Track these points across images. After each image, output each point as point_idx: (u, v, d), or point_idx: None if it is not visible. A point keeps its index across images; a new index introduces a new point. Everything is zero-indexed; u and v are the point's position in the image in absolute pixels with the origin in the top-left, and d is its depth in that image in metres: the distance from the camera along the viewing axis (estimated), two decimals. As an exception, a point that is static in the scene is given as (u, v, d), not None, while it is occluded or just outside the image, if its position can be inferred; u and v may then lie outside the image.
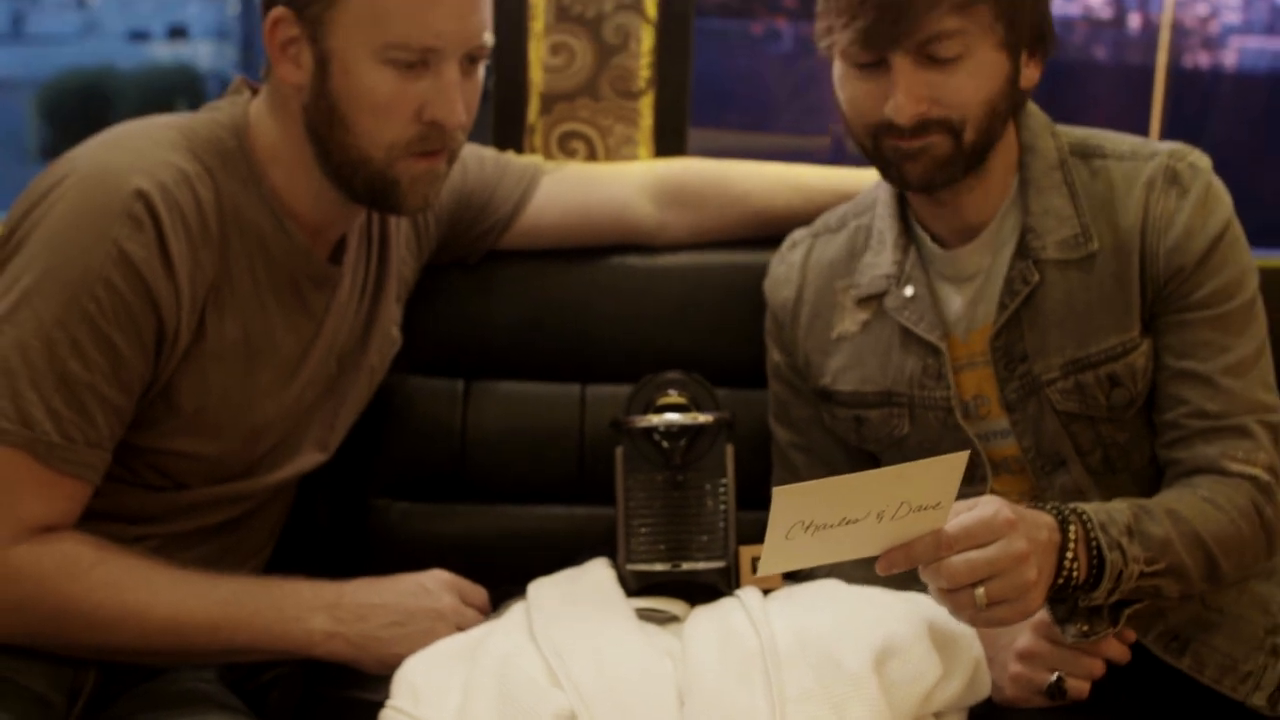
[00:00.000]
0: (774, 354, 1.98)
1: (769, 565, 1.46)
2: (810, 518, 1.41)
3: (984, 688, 1.64)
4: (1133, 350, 1.74)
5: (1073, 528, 1.56)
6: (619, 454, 1.90)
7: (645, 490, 1.89)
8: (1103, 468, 1.78)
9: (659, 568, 1.86)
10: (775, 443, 1.99)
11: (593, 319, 2.12)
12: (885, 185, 1.85)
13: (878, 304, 1.85)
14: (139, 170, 1.64)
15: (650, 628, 1.73)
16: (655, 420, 1.89)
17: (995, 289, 1.78)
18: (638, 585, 1.85)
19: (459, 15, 1.66)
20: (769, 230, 2.07)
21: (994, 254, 1.79)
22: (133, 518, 1.73)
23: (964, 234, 1.80)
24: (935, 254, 1.82)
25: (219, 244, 1.70)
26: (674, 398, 1.92)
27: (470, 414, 2.11)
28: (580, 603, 1.76)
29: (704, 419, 1.89)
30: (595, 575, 1.84)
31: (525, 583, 1.81)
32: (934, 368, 1.80)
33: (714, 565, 1.86)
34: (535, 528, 2.11)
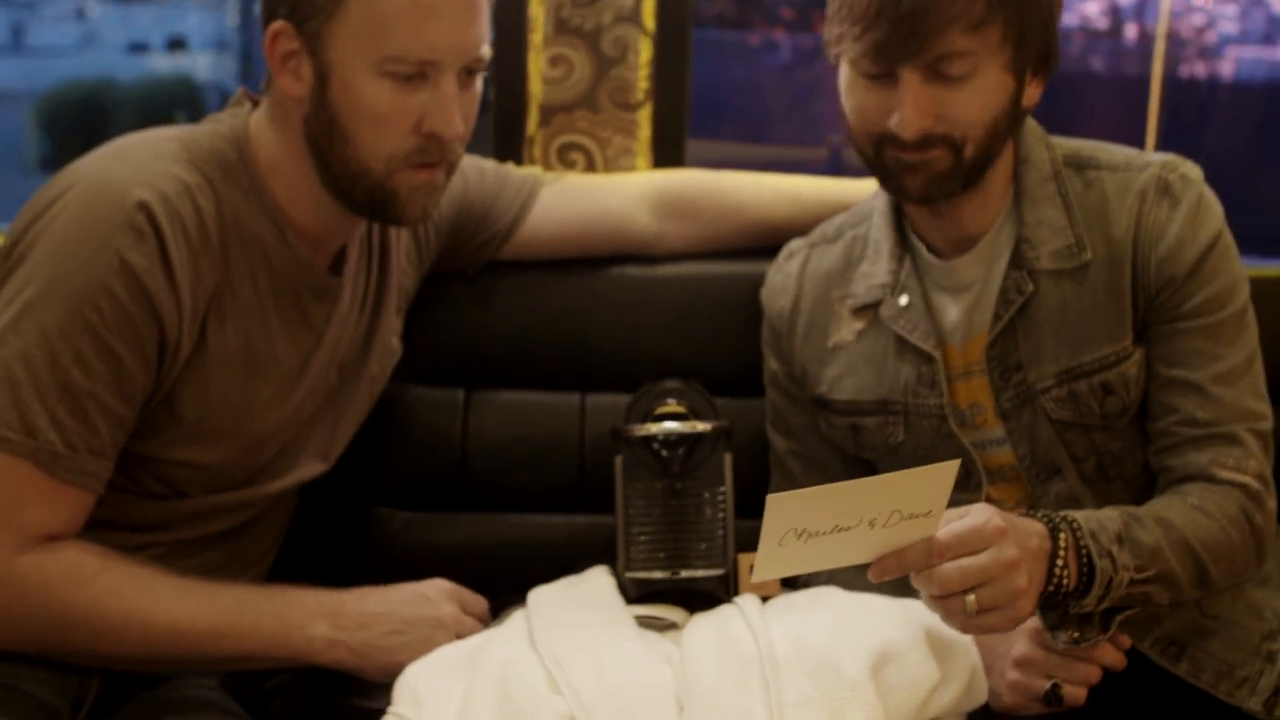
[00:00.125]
0: (771, 363, 1.98)
1: (763, 572, 1.46)
2: (803, 525, 1.42)
3: (981, 694, 1.64)
4: (1125, 359, 1.74)
5: (1063, 535, 1.56)
6: (618, 462, 1.91)
7: (644, 498, 1.89)
8: (1096, 476, 1.78)
9: (658, 575, 1.87)
10: (773, 451, 1.99)
11: (592, 329, 2.12)
12: (882, 195, 1.86)
13: (873, 313, 1.85)
14: (141, 182, 1.64)
15: (649, 635, 1.73)
16: (654, 429, 1.90)
17: (991, 298, 1.78)
18: (637, 593, 1.85)
19: (456, 29, 1.67)
20: (766, 240, 2.07)
21: (989, 264, 1.79)
22: (135, 526, 1.73)
23: (960, 244, 1.81)
24: (931, 264, 1.83)
25: (220, 254, 1.70)
26: (673, 406, 1.93)
27: (471, 423, 2.11)
28: (580, 610, 1.76)
29: (702, 427, 1.90)
30: (595, 583, 1.84)
31: (526, 591, 1.81)
32: (928, 376, 1.80)
33: (712, 573, 1.87)
34: (535, 536, 2.11)
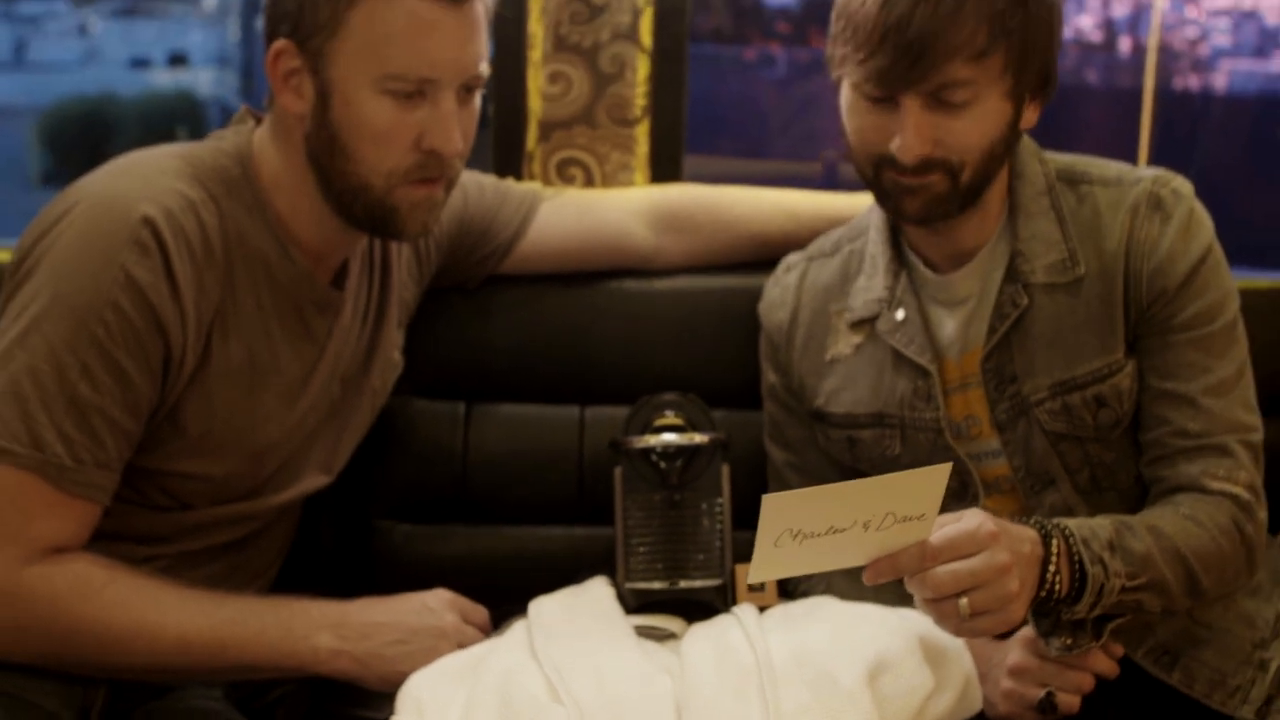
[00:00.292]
0: (769, 375, 1.99)
1: (758, 573, 1.47)
2: (799, 526, 1.43)
3: (975, 702, 1.65)
4: (1118, 372, 1.75)
5: (1055, 542, 1.57)
6: (617, 474, 1.91)
7: (643, 510, 1.90)
8: (1090, 487, 1.79)
9: (657, 586, 1.87)
10: (771, 462, 2.00)
11: (591, 342, 2.12)
12: (878, 210, 1.86)
13: (870, 327, 1.86)
14: (145, 198, 1.65)
15: (649, 645, 1.73)
16: (653, 441, 1.90)
17: (986, 312, 1.79)
18: (636, 603, 1.86)
19: (455, 47, 1.68)
20: (764, 254, 2.08)
21: (984, 278, 1.80)
22: (141, 538, 1.74)
23: (956, 259, 1.82)
24: (928, 278, 1.84)
25: (224, 269, 1.71)
26: (671, 419, 1.93)
27: (471, 436, 2.12)
28: (580, 620, 1.76)
29: (700, 439, 1.90)
30: (595, 593, 1.85)
31: (526, 602, 1.81)
32: (924, 390, 1.81)
33: (711, 583, 1.87)
34: (536, 548, 2.11)
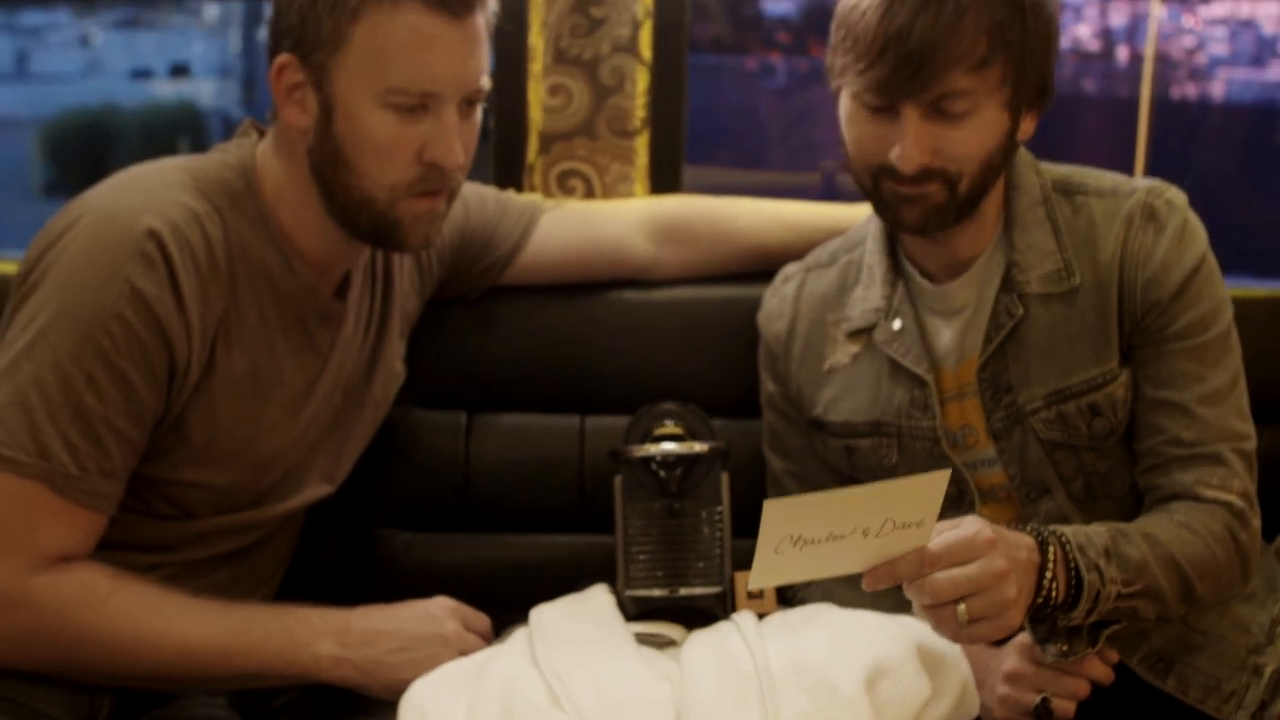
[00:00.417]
0: (768, 385, 2.00)
1: (759, 580, 1.48)
2: (799, 532, 1.44)
3: (972, 708, 1.66)
4: (1112, 381, 1.76)
5: (1051, 549, 1.58)
6: (618, 483, 1.92)
7: (643, 518, 1.90)
8: (1085, 495, 1.80)
9: (657, 593, 1.88)
10: (770, 471, 2.01)
11: (591, 352, 2.13)
12: (875, 221, 1.87)
13: (868, 337, 1.87)
14: (150, 210, 1.66)
15: (649, 652, 1.74)
16: (653, 450, 1.91)
17: (983, 322, 1.80)
18: (636, 610, 1.87)
19: (456, 61, 1.69)
20: (762, 265, 2.09)
21: (981, 288, 1.81)
22: (145, 547, 1.75)
23: (953, 269, 1.83)
24: (924, 289, 1.85)
25: (228, 281, 1.71)
26: (671, 428, 1.95)
27: (473, 446, 2.12)
28: (581, 628, 1.77)
29: (700, 448, 1.91)
30: (595, 601, 1.85)
31: (527, 609, 1.82)
32: (921, 399, 1.82)
33: (710, 590, 1.88)
34: (537, 556, 2.12)
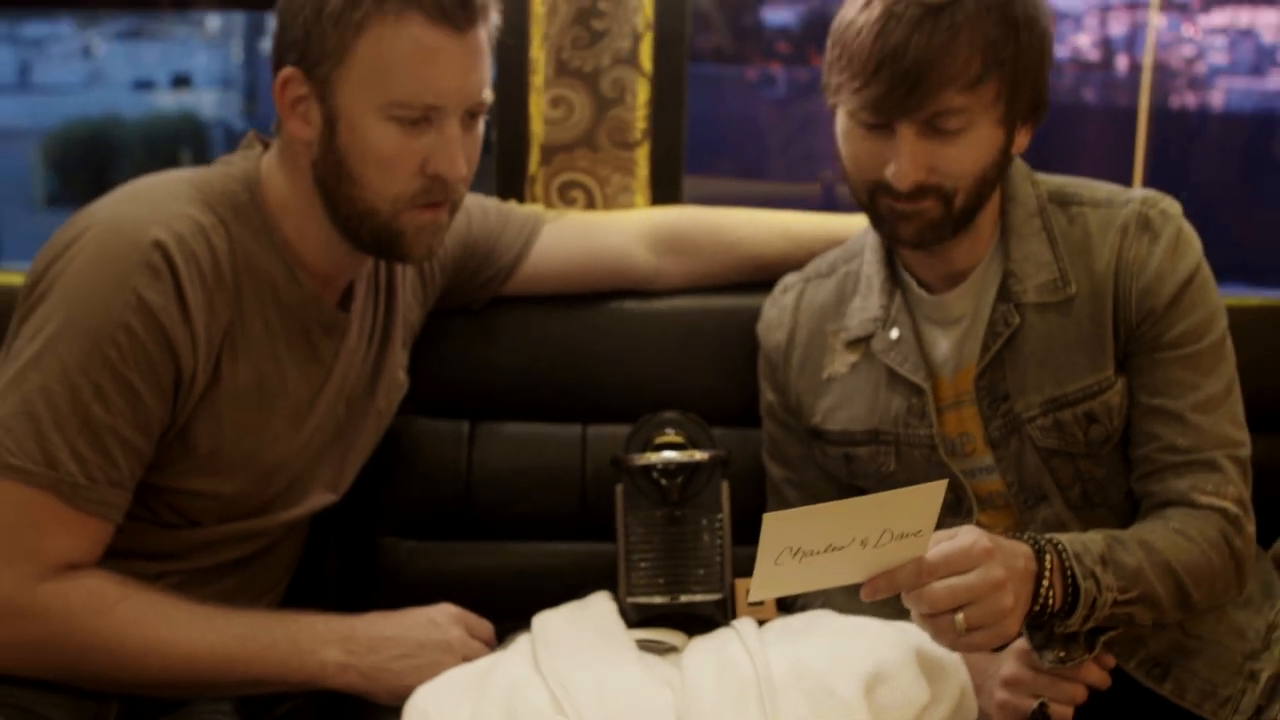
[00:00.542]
0: (767, 394, 2.01)
1: (759, 591, 1.49)
2: (798, 544, 1.45)
3: (971, 713, 1.67)
4: (1108, 389, 1.77)
5: (1048, 557, 1.59)
6: (619, 491, 1.93)
7: (644, 526, 1.92)
8: (1082, 502, 1.81)
9: (658, 600, 1.89)
10: (769, 479, 2.02)
11: (593, 362, 2.14)
12: (873, 232, 1.88)
13: (865, 346, 1.88)
14: (156, 222, 1.68)
15: (650, 658, 1.75)
16: (654, 458, 1.92)
17: (980, 331, 1.81)
18: (638, 617, 1.88)
19: (459, 75, 1.70)
20: (762, 275, 2.10)
21: (978, 298, 1.82)
22: (152, 555, 1.76)
23: (950, 279, 1.84)
24: (922, 298, 1.86)
25: (233, 291, 1.73)
26: (671, 436, 1.96)
27: (475, 455, 2.13)
28: (583, 634, 1.78)
29: (700, 457, 1.92)
30: (597, 608, 1.87)
31: (530, 616, 1.83)
32: (918, 408, 1.83)
33: (711, 597, 1.89)
34: (539, 564, 2.13)
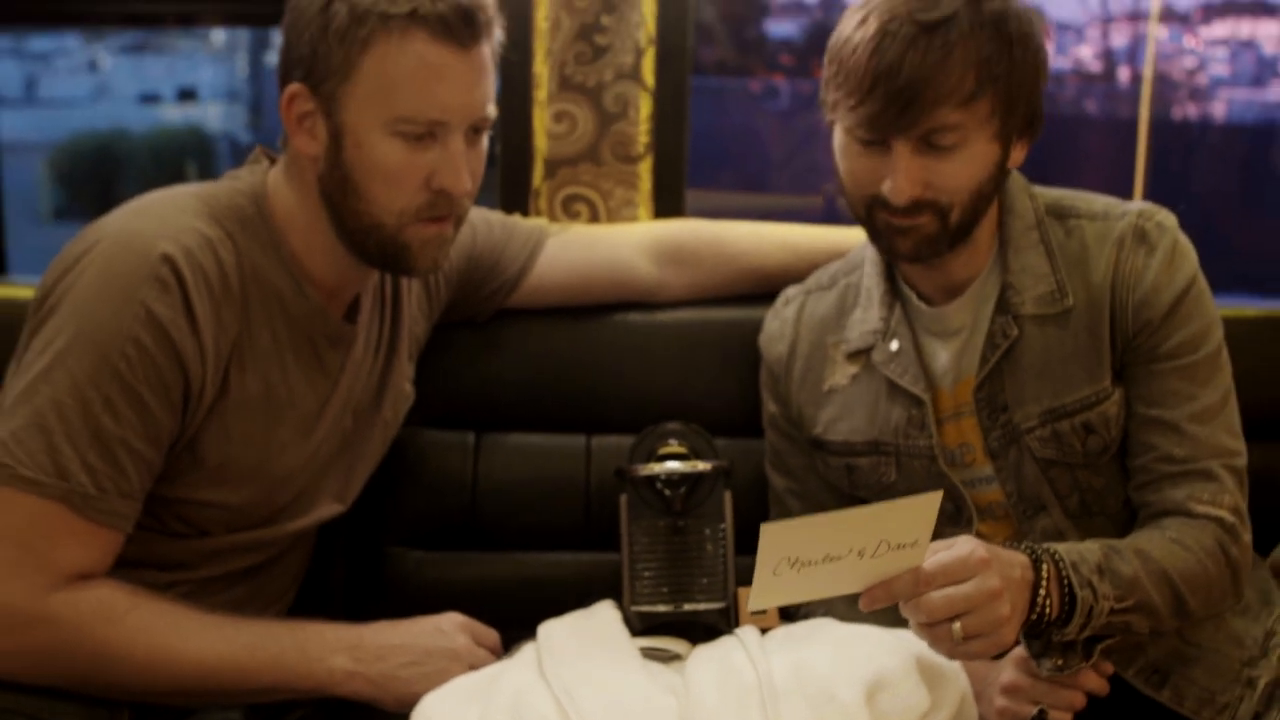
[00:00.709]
0: (769, 405, 2.02)
1: (758, 601, 1.50)
2: (796, 554, 1.47)
3: (971, 720, 1.69)
4: (1105, 399, 1.79)
5: (1045, 566, 1.61)
6: (623, 501, 1.95)
7: (648, 535, 1.93)
8: (1080, 511, 1.82)
9: (662, 609, 1.91)
10: (771, 489, 2.03)
11: (597, 373, 2.16)
12: (872, 245, 1.89)
13: (866, 358, 1.90)
14: (165, 236, 1.69)
15: (654, 665, 1.76)
16: (657, 469, 1.94)
17: (979, 342, 1.83)
18: (642, 625, 1.89)
19: (463, 90, 1.72)
20: (763, 287, 2.11)
21: (976, 310, 1.84)
22: (162, 564, 1.77)
23: (949, 292, 1.85)
24: (921, 311, 1.87)
25: (240, 304, 1.74)
26: (674, 447, 1.97)
27: (481, 465, 2.15)
28: (588, 643, 1.79)
29: (703, 467, 1.94)
30: (602, 616, 1.87)
31: (535, 625, 1.83)
32: (918, 419, 1.85)
33: (714, 606, 1.91)
34: (544, 573, 2.14)
